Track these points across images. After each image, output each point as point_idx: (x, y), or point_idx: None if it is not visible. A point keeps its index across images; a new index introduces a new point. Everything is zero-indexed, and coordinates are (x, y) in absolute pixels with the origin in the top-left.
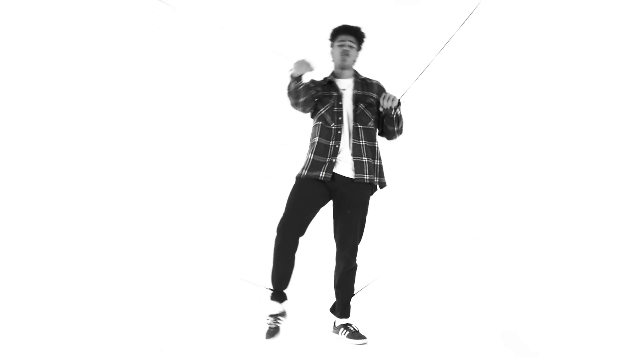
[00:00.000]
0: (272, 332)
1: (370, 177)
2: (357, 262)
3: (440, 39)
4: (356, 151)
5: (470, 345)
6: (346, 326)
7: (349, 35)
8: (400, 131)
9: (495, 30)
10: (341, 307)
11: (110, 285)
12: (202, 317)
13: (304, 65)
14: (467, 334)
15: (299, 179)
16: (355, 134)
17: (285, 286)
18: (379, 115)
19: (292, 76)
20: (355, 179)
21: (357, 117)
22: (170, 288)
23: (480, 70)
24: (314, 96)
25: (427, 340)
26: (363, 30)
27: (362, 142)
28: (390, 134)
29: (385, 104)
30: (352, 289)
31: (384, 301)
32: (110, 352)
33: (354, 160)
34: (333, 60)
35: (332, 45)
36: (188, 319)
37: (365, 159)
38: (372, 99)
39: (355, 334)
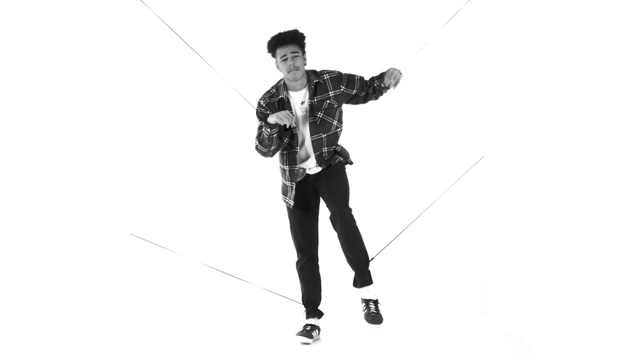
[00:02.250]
0: (305, 333)
1: (335, 162)
2: (353, 214)
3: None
4: (319, 158)
5: (472, 346)
6: (367, 303)
7: (288, 46)
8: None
9: (491, 22)
10: (359, 274)
11: (114, 287)
12: (210, 320)
13: (286, 119)
14: (468, 334)
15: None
16: (317, 145)
17: (319, 303)
18: (347, 99)
19: (268, 123)
20: (317, 158)
21: (318, 127)
22: (177, 292)
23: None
24: (282, 141)
25: (426, 341)
26: (300, 31)
27: (324, 149)
28: (378, 97)
29: (388, 82)
30: (363, 250)
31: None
32: (112, 352)
33: (317, 162)
34: (284, 75)
35: (274, 57)
36: (192, 322)
37: (326, 158)
38: (327, 102)
39: (371, 316)
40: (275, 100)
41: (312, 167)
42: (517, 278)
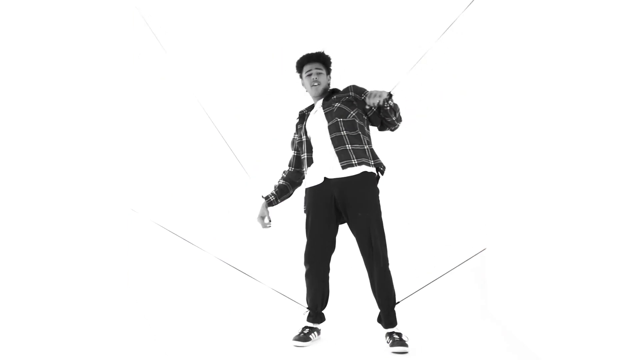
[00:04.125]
0: (302, 338)
1: (359, 161)
2: (388, 264)
3: (434, 33)
4: (338, 142)
5: (472, 349)
6: (391, 334)
7: (314, 63)
8: (399, 119)
9: (489, 26)
10: (385, 316)
11: (115, 286)
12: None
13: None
14: (468, 337)
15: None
16: (334, 128)
17: (323, 307)
18: (365, 112)
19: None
20: (343, 167)
21: (334, 114)
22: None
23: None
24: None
25: (426, 345)
26: (326, 53)
27: (344, 132)
28: (390, 125)
29: (371, 102)
30: (392, 294)
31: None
32: (111, 350)
33: (337, 152)
34: (307, 91)
35: (300, 77)
36: (192, 320)
37: (349, 146)
38: (346, 97)
39: (396, 342)
40: (301, 113)
41: (332, 161)
42: (516, 282)
